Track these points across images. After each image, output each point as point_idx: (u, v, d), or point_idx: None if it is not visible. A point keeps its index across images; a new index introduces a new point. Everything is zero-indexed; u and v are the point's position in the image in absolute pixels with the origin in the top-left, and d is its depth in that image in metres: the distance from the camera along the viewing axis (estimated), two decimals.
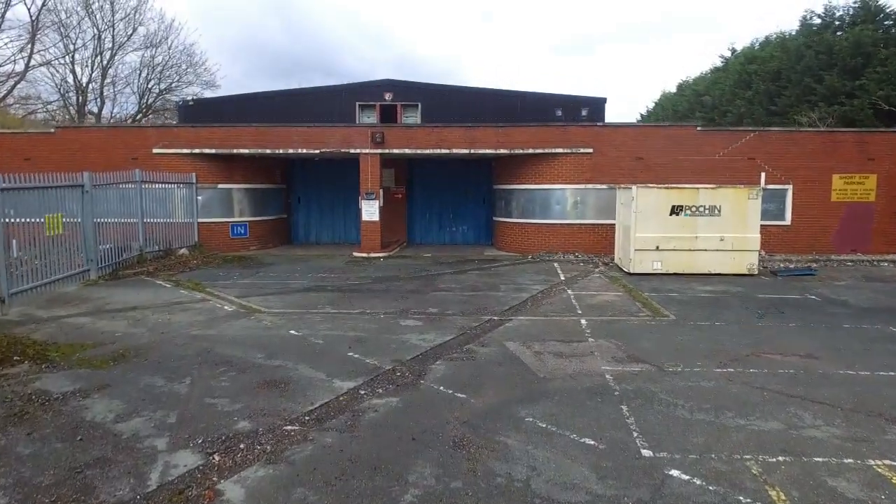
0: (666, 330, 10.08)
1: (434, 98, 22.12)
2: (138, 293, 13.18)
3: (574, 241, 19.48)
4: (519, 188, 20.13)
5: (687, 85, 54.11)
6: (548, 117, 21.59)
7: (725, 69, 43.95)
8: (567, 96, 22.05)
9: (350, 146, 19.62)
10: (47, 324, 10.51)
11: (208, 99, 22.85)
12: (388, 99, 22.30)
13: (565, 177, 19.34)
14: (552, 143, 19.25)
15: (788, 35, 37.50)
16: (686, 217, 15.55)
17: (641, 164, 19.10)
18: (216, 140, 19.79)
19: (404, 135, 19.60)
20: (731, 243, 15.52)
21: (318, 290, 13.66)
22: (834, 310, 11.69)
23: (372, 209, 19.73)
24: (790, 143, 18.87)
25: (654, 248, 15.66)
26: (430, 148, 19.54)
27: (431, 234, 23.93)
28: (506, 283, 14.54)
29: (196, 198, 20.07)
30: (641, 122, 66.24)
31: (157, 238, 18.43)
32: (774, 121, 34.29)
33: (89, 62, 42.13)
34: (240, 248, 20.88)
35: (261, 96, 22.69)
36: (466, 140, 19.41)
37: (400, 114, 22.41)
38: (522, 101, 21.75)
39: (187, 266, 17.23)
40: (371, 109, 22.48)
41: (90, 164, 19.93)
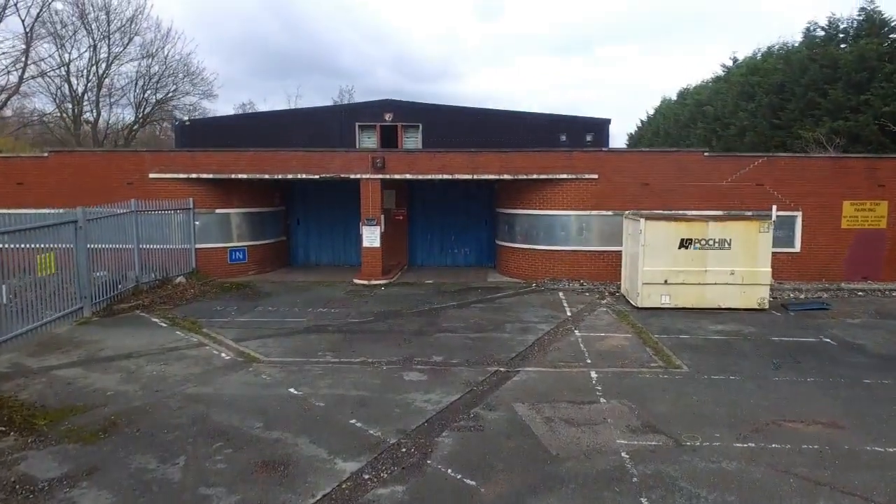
0: (680, 386, 9.70)
1: (435, 118, 21.74)
2: (133, 335, 12.78)
3: (579, 268, 19.10)
4: (522, 213, 19.75)
5: (688, 93, 53.75)
6: (551, 139, 21.24)
7: (727, 79, 43.61)
8: (570, 117, 21.69)
9: (350, 171, 19.23)
10: (37, 378, 10.11)
11: (206, 119, 22.47)
12: (388, 120, 21.92)
13: (570, 203, 18.96)
14: (556, 169, 18.86)
15: (792, 46, 37.16)
16: (695, 250, 15.18)
17: (647, 190, 18.72)
18: (213, 165, 19.39)
19: (406, 160, 19.21)
20: (741, 277, 15.15)
21: (318, 331, 13.26)
22: (852, 358, 11.31)
23: (373, 235, 19.34)
24: (799, 169, 18.51)
25: (663, 282, 15.29)
26: (432, 173, 19.15)
27: (433, 256, 23.55)
28: (511, 321, 14.16)
29: (193, 223, 19.66)
30: (642, 128, 65.94)
31: (153, 264, 18.04)
32: (778, 134, 33.95)
33: (85, 72, 41.79)
34: (238, 273, 20.48)
35: (259, 116, 22.29)
36: (469, 165, 19.03)
37: (401, 135, 22.04)
38: (525, 123, 21.38)
39: (184, 297, 16.83)
40: (371, 130, 22.11)
41: (84, 189, 19.54)
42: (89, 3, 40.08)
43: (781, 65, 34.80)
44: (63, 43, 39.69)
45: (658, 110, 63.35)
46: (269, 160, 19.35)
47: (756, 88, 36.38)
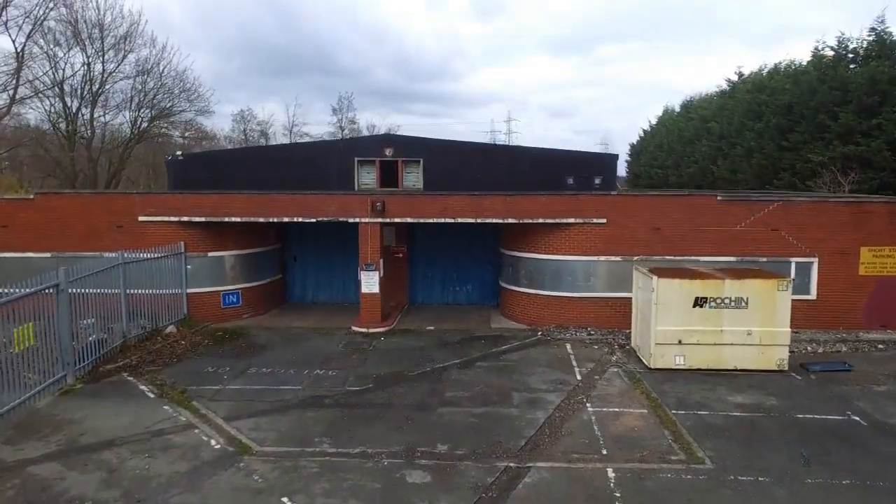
0: (704, 492, 8.96)
1: (436, 154, 21.01)
2: (117, 412, 12.00)
3: (586, 315, 18.37)
4: (527, 256, 19.01)
5: (692, 106, 53.03)
6: (555, 177, 20.50)
7: (733, 95, 42.91)
8: (575, 153, 20.94)
9: (349, 215, 18.48)
10: (10, 478, 9.36)
11: (199, 154, 21.72)
12: (388, 155, 21.17)
13: (577, 248, 18.23)
14: (563, 213, 18.13)
15: (799, 65, 36.45)
16: (711, 309, 14.45)
17: (658, 235, 17.99)
18: (206, 208, 18.63)
19: (406, 203, 18.47)
20: (759, 338, 14.42)
21: (314, 405, 12.49)
22: (886, 447, 10.57)
23: (372, 281, 18.59)
24: (816, 213, 17.78)
25: (676, 342, 14.55)
26: (433, 217, 18.41)
27: (434, 294, 22.80)
28: (517, 388, 13.41)
29: (185, 267, 18.90)
30: (644, 138, 65.19)
31: (143, 310, 17.27)
32: (786, 157, 33.25)
33: (79, 90, 40.95)
34: (232, 317, 19.72)
35: (255, 151, 21.54)
36: (473, 209, 18.29)
37: (401, 170, 21.30)
38: (529, 158, 20.64)
39: (174, 353, 16.06)
40: (370, 165, 21.36)
41: (71, 232, 18.79)
42: (82, 20, 39.34)
43: (790, 85, 34.08)
44: (56, 61, 38.94)
45: (661, 121, 62.67)
46: (264, 203, 18.60)
47: (763, 108, 35.69)
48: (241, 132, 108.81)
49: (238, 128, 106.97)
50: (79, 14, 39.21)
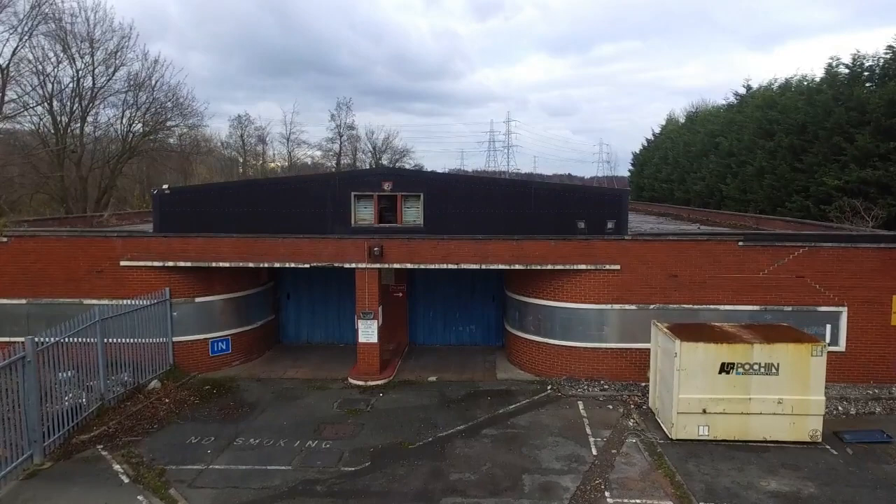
0: None
1: (438, 188, 19.80)
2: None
3: (599, 366, 17.19)
4: (535, 303, 17.84)
5: (698, 117, 51.77)
6: (565, 212, 19.23)
7: (741, 110, 41.71)
8: (583, 188, 19.72)
9: (345, 260, 17.31)
10: None
11: (188, 188, 20.55)
12: (386, 189, 19.96)
13: (589, 295, 17.05)
14: (574, 259, 16.96)
15: (811, 81, 35.27)
16: (738, 376, 13.27)
17: (675, 282, 16.82)
18: (192, 252, 17.45)
19: (406, 248, 17.31)
20: (790, 407, 13.25)
21: (305, 494, 11.29)
22: None
23: (370, 330, 17.41)
24: (845, 259, 16.61)
25: (701, 411, 13.38)
26: (435, 262, 17.25)
27: (436, 334, 21.62)
28: (529, 468, 12.22)
29: (170, 315, 17.71)
30: (648, 149, 63.91)
31: (125, 361, 16.08)
32: (799, 178, 32.07)
33: (68, 106, 39.70)
34: (222, 365, 18.53)
35: (247, 185, 20.34)
36: (477, 254, 17.12)
37: (400, 205, 20.09)
38: (535, 193, 19.42)
39: (155, 417, 14.86)
40: (368, 200, 20.16)
41: (48, 278, 17.60)
42: (70, 35, 38.08)
43: (803, 103, 32.88)
44: (45, 77, 37.68)
45: (665, 130, 61.49)
46: (253, 247, 17.43)
47: (775, 126, 34.50)
48: (238, 137, 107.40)
49: (235, 133, 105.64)
50: (68, 28, 38.06)
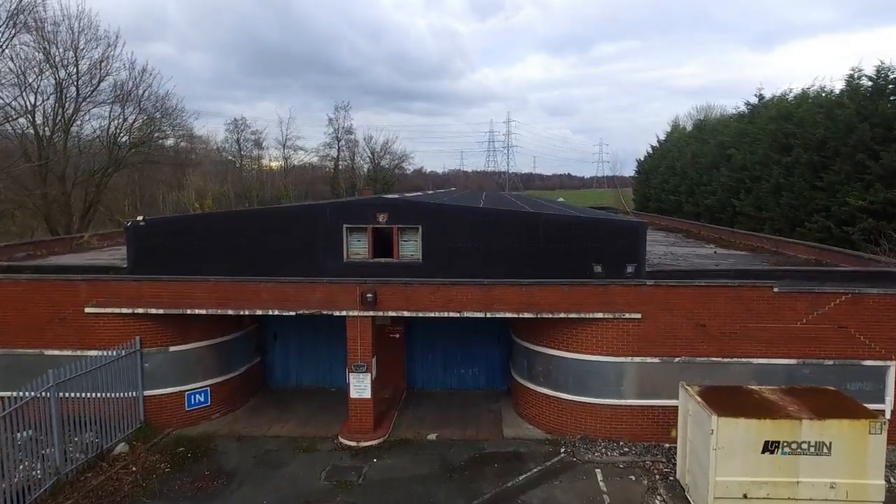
0: None
1: (437, 220, 18.08)
2: None
3: (618, 425, 15.46)
4: (546, 352, 16.12)
5: (706, 126, 50.03)
6: (578, 248, 17.52)
7: (753, 121, 39.98)
8: (595, 220, 17.98)
9: (335, 307, 15.60)
10: None
11: (165, 219, 18.84)
12: (381, 221, 18.23)
13: (606, 346, 15.33)
14: (589, 306, 15.24)
15: (831, 93, 33.53)
16: (784, 456, 11.55)
17: (703, 333, 15.09)
18: (165, 297, 15.70)
19: (402, 294, 15.59)
20: (844, 492, 11.53)
21: None
22: None
23: (362, 385, 15.68)
24: (893, 307, 14.89)
25: (741, 497, 11.67)
26: (435, 310, 15.54)
27: (436, 378, 19.89)
28: None
29: (141, 366, 15.97)
30: (653, 156, 62.19)
31: (90, 419, 14.33)
32: (819, 197, 30.35)
33: (50, 117, 37.89)
34: (200, 419, 16.79)
35: (230, 217, 18.59)
36: (482, 301, 15.41)
37: (396, 239, 18.35)
38: (546, 226, 17.71)
39: (118, 494, 13.09)
40: (361, 233, 18.43)
41: (6, 325, 15.86)
42: (53, 45, 36.32)
43: (822, 117, 31.15)
44: (25, 88, 35.89)
45: (670, 138, 59.78)
46: (234, 292, 15.71)
47: (792, 140, 32.78)
48: (234, 142, 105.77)
49: (231, 137, 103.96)
50: (51, 37, 36.28)
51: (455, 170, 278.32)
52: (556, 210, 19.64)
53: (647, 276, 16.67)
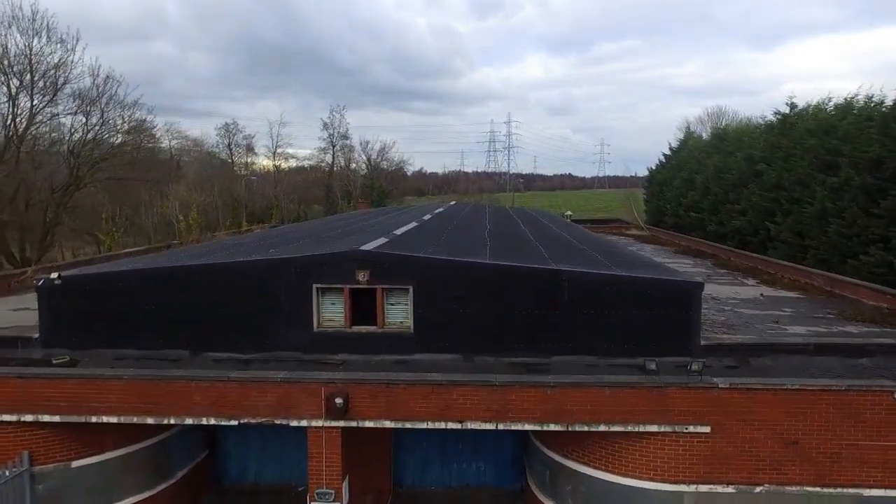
0: None
1: (433, 278, 14.08)
2: None
3: None
4: (577, 469, 12.09)
5: (728, 136, 45.87)
6: (608, 317, 13.55)
7: (785, 132, 35.84)
8: (639, 280, 13.94)
9: (292, 414, 11.55)
10: None
11: (85, 276, 14.77)
12: (362, 280, 14.21)
13: (661, 469, 11.29)
14: (640, 415, 11.20)
15: (881, 104, 29.47)
16: None
17: (794, 452, 11.05)
18: (62, 401, 11.64)
19: (384, 397, 11.52)
20: None
21: None
22: None
23: None
24: None
25: None
26: (428, 419, 11.49)
27: (431, 472, 15.83)
28: None
29: (27, 490, 11.90)
30: (666, 165, 58.07)
31: None
32: (875, 225, 26.27)
33: (0, 131, 33.76)
34: None
35: (162, 273, 14.58)
36: (493, 407, 11.36)
37: (381, 301, 14.33)
38: (570, 286, 13.73)
39: None
40: (336, 294, 14.41)
41: None
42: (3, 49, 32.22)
43: (876, 133, 27.07)
44: None
45: (685, 147, 55.69)
46: (154, 394, 11.64)
47: (839, 158, 28.71)
48: (225, 146, 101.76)
49: (222, 142, 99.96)
50: None
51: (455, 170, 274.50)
52: (585, 264, 15.61)
53: (703, 351, 12.82)
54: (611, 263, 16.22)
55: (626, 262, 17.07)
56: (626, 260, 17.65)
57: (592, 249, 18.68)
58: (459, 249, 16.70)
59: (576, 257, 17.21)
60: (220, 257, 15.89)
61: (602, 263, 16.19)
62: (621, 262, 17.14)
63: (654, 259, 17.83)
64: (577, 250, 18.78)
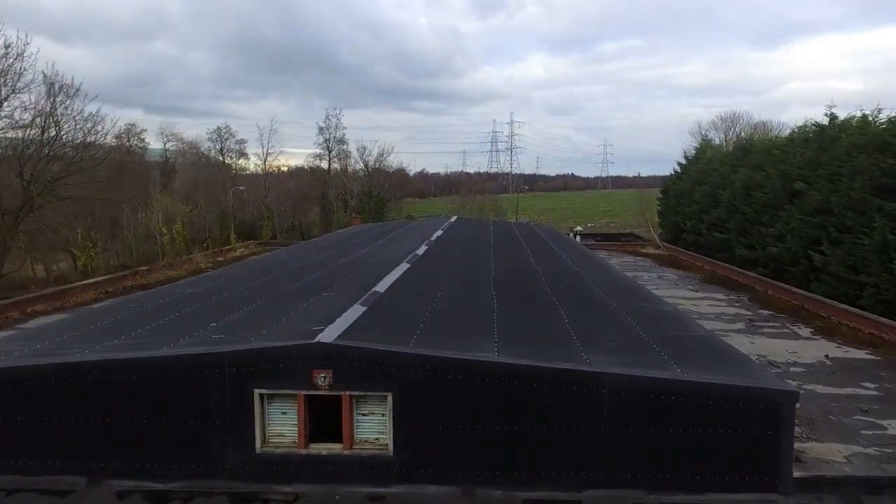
0: None
1: (422, 381, 10.19)
2: None
3: None
4: None
5: (755, 148, 41.76)
6: (668, 441, 9.68)
7: (826, 146, 31.77)
8: (707, 386, 9.97)
9: None
10: None
11: None
12: (322, 384, 10.29)
13: None
14: None
15: None
16: None
17: None
18: None
19: None
20: None
21: None
22: None
23: None
24: None
25: None
26: None
27: None
28: None
29: None
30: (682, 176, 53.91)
31: None
32: None
33: None
34: None
35: (45, 375, 10.67)
36: None
37: (349, 413, 10.40)
38: (612, 398, 9.85)
39: None
40: (288, 402, 10.49)
41: None
42: None
43: None
44: None
45: (702, 156, 51.69)
46: None
47: None
48: (217, 151, 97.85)
49: (214, 147, 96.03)
50: None
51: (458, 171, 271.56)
52: (626, 350, 11.66)
53: (798, 486, 9.02)
54: (657, 343, 12.25)
55: (677, 338, 13.10)
56: (676, 332, 13.67)
57: (632, 316, 14.66)
58: (457, 328, 12.73)
59: (611, 333, 13.20)
60: (138, 342, 11.89)
61: (646, 345, 12.22)
62: (670, 334, 13.19)
63: (716, 338, 13.84)
64: (610, 315, 14.80)
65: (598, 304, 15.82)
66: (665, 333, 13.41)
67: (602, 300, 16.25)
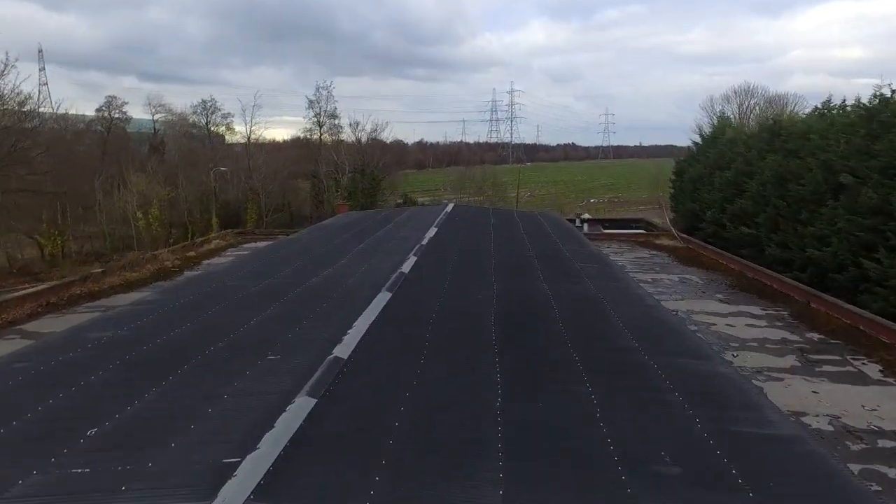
0: None
1: None
2: None
3: None
4: None
5: (786, 130, 37.40)
6: None
7: (876, 133, 27.63)
8: None
9: None
10: None
11: None
12: None
13: None
14: None
15: None
16: None
17: None
18: None
19: None
20: None
21: None
22: None
23: None
24: None
25: None
26: None
27: None
28: None
29: None
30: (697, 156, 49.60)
31: None
32: None
33: None
34: None
35: None
36: None
37: None
38: None
39: None
40: None
41: None
42: None
43: None
44: None
45: (719, 136, 47.45)
46: None
47: None
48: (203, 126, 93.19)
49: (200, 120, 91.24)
50: None
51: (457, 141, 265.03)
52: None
53: None
54: (728, 457, 8.43)
55: (745, 438, 9.25)
56: (749, 430, 9.80)
57: (681, 390, 10.78)
58: (443, 447, 8.84)
59: (662, 432, 9.30)
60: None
61: (716, 462, 8.38)
62: (738, 433, 9.36)
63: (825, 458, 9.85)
64: (655, 390, 10.90)
65: (633, 369, 11.91)
66: (732, 431, 9.54)
67: (637, 359, 12.35)
